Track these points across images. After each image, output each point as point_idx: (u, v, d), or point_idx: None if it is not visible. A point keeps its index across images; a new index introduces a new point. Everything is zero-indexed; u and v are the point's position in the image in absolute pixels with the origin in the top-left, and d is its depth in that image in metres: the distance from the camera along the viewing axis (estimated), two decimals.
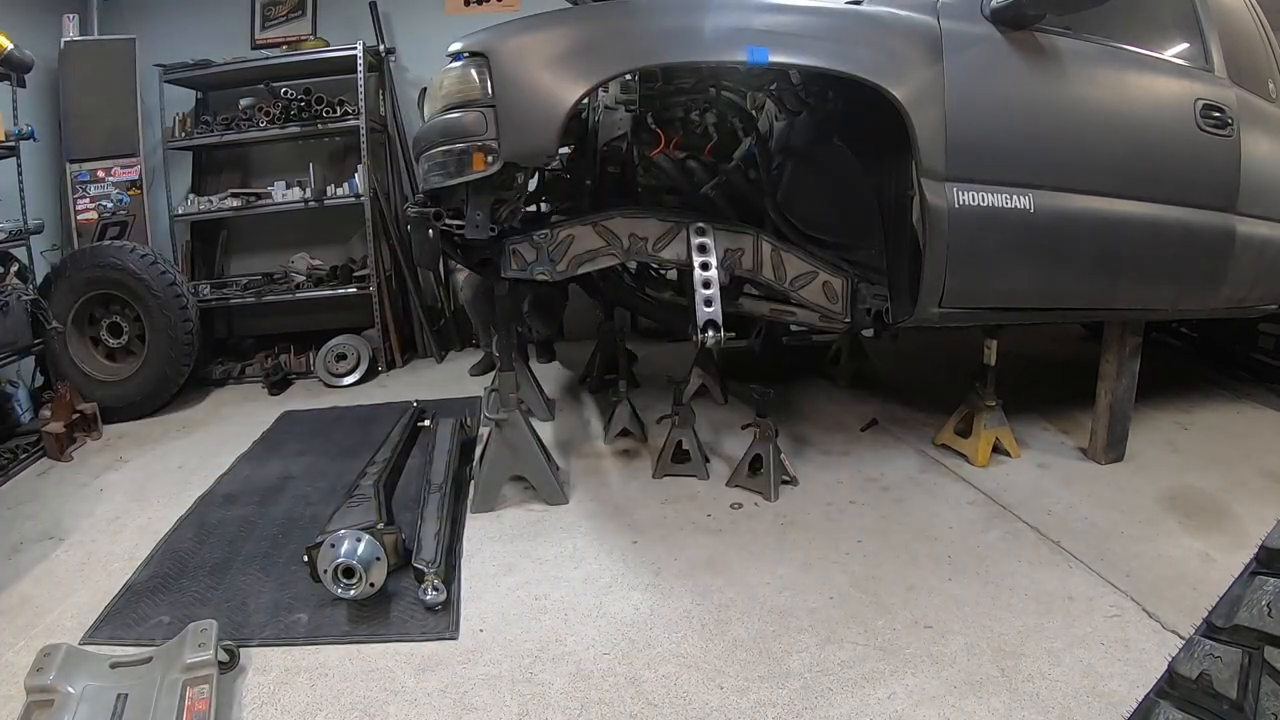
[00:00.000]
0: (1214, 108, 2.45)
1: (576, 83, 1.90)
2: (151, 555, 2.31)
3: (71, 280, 3.69)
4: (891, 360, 3.98)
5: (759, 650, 1.72)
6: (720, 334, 2.10)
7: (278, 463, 3.05)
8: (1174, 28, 2.59)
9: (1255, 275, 2.70)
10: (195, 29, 4.70)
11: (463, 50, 1.99)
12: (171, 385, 3.79)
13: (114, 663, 1.64)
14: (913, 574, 2.00)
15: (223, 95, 4.71)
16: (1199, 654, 0.92)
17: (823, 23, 2.02)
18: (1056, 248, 2.23)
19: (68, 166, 4.21)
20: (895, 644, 1.72)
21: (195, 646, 1.59)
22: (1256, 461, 2.63)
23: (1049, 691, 1.54)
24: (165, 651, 1.64)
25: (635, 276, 3.33)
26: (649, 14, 2.01)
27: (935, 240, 2.08)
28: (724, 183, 2.56)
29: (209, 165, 4.92)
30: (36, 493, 2.89)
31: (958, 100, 2.05)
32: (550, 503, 2.48)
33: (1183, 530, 2.20)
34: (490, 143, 1.92)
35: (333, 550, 1.90)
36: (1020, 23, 2.16)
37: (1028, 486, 2.50)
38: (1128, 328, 2.58)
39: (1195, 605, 1.77)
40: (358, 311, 4.59)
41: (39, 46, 3.77)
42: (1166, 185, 2.38)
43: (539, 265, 2.25)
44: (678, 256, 2.25)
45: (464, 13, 4.85)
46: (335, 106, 4.38)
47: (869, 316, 2.35)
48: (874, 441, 2.96)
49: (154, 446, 3.35)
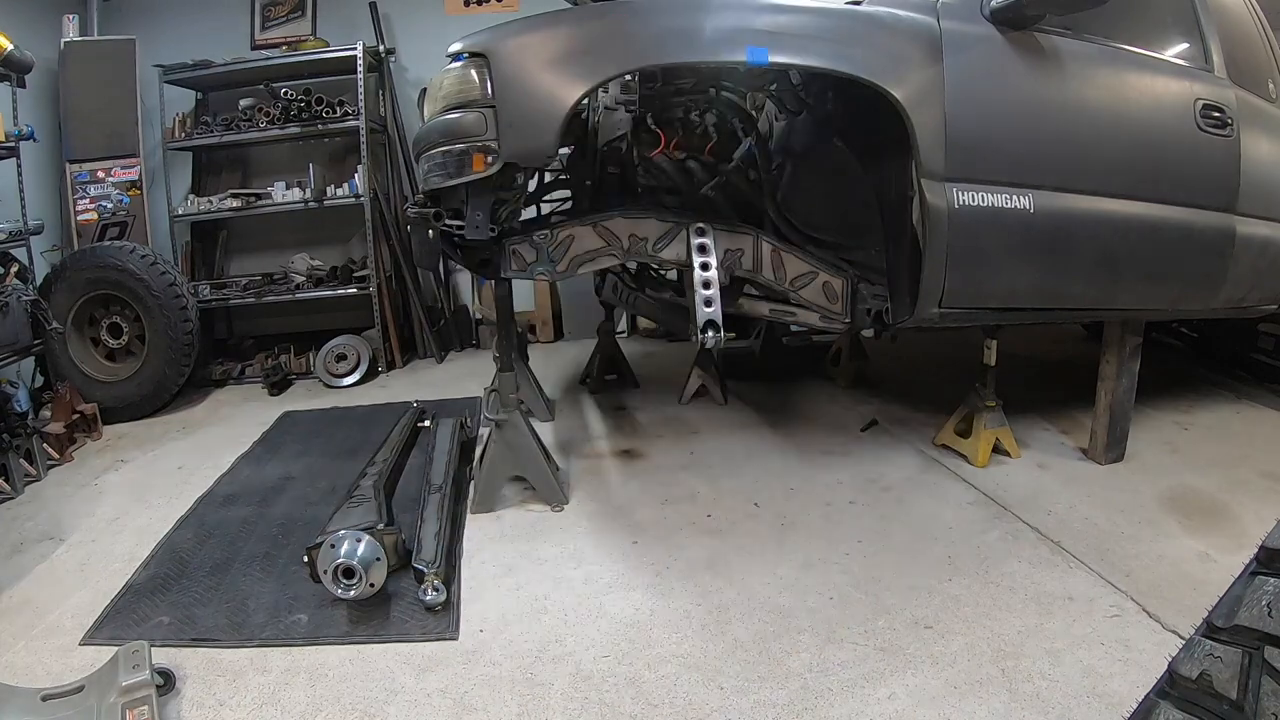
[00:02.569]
0: (1214, 108, 2.45)
1: (576, 83, 1.90)
2: (151, 555, 2.31)
3: (71, 281, 3.69)
4: (891, 360, 3.99)
5: (759, 650, 1.72)
6: (720, 334, 2.10)
7: (278, 463, 3.05)
8: (1174, 28, 2.59)
9: (1255, 275, 2.70)
10: (195, 29, 4.70)
11: (463, 51, 1.99)
12: (171, 386, 3.79)
13: (45, 695, 1.57)
14: (913, 574, 2.00)
15: (223, 96, 4.71)
16: (1199, 654, 0.92)
17: (822, 23, 2.02)
18: (1056, 248, 2.23)
19: (68, 167, 4.21)
20: (895, 644, 1.72)
21: (129, 669, 1.54)
22: (1256, 462, 2.63)
23: (1049, 691, 1.54)
24: (98, 678, 1.58)
25: (635, 277, 3.33)
26: (649, 14, 2.01)
27: (935, 240, 2.08)
28: (724, 183, 2.56)
29: (209, 166, 4.92)
30: (36, 493, 2.88)
31: (957, 100, 2.05)
32: (550, 503, 2.48)
33: (1183, 530, 2.20)
34: (490, 143, 1.92)
35: (333, 551, 1.90)
36: (1020, 23, 2.16)
37: (1028, 487, 2.50)
38: (1127, 328, 2.58)
39: (1195, 605, 1.77)
40: (358, 312, 4.59)
41: (39, 47, 3.77)
42: (1166, 185, 2.38)
43: (539, 266, 2.25)
44: (678, 257, 2.25)
45: (464, 13, 4.85)
46: (335, 107, 4.38)
47: (869, 317, 2.35)
48: (874, 442, 2.96)
49: (154, 447, 3.35)
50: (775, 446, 2.94)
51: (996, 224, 2.12)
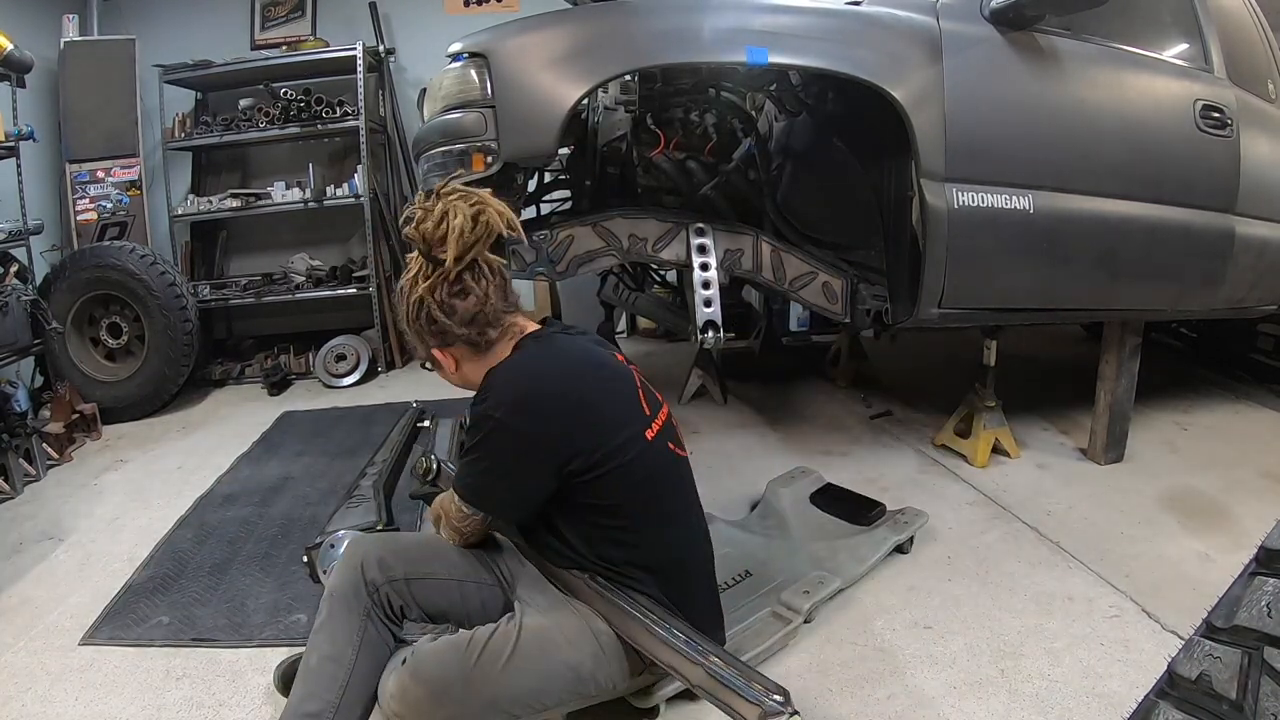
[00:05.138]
0: (1213, 108, 2.45)
1: (576, 83, 1.90)
2: (151, 555, 2.31)
3: (71, 281, 3.68)
4: (891, 361, 3.98)
5: None
6: (720, 334, 2.10)
7: (277, 463, 3.05)
8: (1173, 28, 2.59)
9: (1255, 276, 2.71)
10: (195, 29, 4.70)
11: (462, 51, 1.99)
12: (171, 386, 3.79)
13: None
14: (913, 574, 2.00)
15: (222, 96, 4.70)
16: (1198, 654, 0.92)
17: (822, 23, 2.02)
18: (1056, 248, 2.24)
19: (67, 167, 4.21)
20: (895, 644, 1.72)
21: None
22: (1256, 462, 2.63)
23: (1049, 691, 1.54)
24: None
25: (634, 277, 3.33)
26: (648, 15, 2.01)
27: (935, 241, 2.08)
28: (724, 183, 2.56)
29: (209, 166, 4.92)
30: (36, 493, 2.88)
31: (957, 101, 2.05)
32: None
33: (1182, 530, 2.20)
34: (490, 143, 1.92)
35: (332, 550, 1.90)
36: (1020, 23, 2.16)
37: (1027, 487, 2.50)
38: (1127, 328, 2.58)
39: (1195, 605, 1.76)
40: (357, 312, 4.59)
41: (39, 47, 3.77)
42: (1166, 186, 2.38)
43: (538, 266, 2.25)
44: (677, 257, 2.25)
45: (464, 13, 4.85)
46: (335, 107, 4.38)
47: (869, 317, 2.35)
48: (874, 442, 2.96)
49: (154, 447, 3.35)
50: (775, 446, 2.94)
51: (996, 224, 2.12)
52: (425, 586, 1.42)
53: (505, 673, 1.26)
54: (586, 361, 1.39)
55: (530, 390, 1.29)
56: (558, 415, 1.28)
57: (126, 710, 1.62)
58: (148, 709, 1.62)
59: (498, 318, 1.36)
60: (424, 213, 1.31)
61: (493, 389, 1.30)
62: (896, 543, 2.03)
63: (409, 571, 1.40)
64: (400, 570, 1.40)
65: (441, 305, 1.32)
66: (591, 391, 1.34)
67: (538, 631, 1.31)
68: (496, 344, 1.38)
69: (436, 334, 1.36)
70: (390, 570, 1.39)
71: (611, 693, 1.38)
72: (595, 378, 1.38)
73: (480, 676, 1.25)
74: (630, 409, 1.37)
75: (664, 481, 1.40)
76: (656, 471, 1.38)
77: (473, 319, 1.34)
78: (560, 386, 1.31)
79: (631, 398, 1.39)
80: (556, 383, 1.31)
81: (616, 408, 1.35)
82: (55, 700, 1.67)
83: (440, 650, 1.29)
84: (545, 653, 1.30)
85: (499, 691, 1.26)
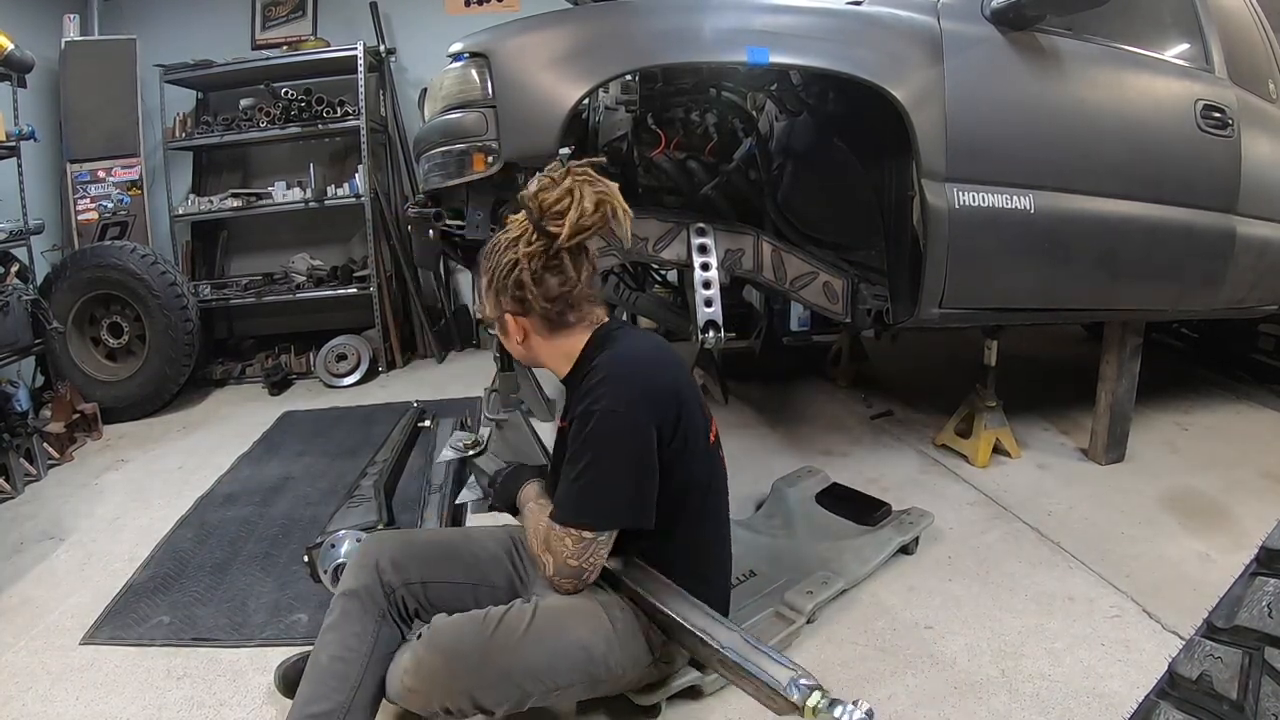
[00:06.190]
0: (1214, 108, 2.45)
1: (577, 83, 1.90)
2: (152, 555, 2.31)
3: (72, 280, 3.69)
4: (892, 361, 3.98)
5: None
6: (720, 334, 2.10)
7: (278, 463, 3.05)
8: (1174, 28, 2.59)
9: (1255, 276, 2.70)
10: (195, 29, 4.70)
11: (463, 51, 1.99)
12: (172, 385, 3.79)
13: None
14: (913, 574, 2.00)
15: (223, 95, 4.71)
16: (1199, 655, 0.92)
17: (823, 23, 2.01)
18: (1056, 248, 2.23)
19: (68, 167, 4.21)
20: (895, 644, 1.72)
21: None
22: (1256, 462, 2.63)
23: (1049, 692, 1.54)
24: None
25: (635, 277, 3.33)
26: (649, 15, 2.01)
27: (935, 241, 2.07)
28: (724, 183, 2.56)
29: (209, 165, 4.92)
30: (36, 493, 2.88)
31: (958, 101, 2.05)
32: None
33: (1183, 531, 2.20)
34: (490, 143, 1.92)
35: (333, 550, 1.90)
36: (1020, 23, 2.15)
37: (1028, 487, 2.50)
38: (1128, 328, 2.58)
39: (1195, 606, 1.76)
40: (358, 311, 4.59)
41: (39, 46, 3.77)
42: (1167, 186, 2.38)
43: None
44: (678, 257, 2.24)
45: (464, 13, 4.85)
46: (335, 107, 4.38)
47: (869, 317, 2.35)
48: (874, 442, 2.96)
49: (154, 447, 3.36)
50: (776, 447, 2.94)
51: (997, 224, 2.12)
52: (441, 590, 1.43)
53: (520, 645, 1.28)
54: (676, 359, 1.43)
55: (647, 385, 1.31)
56: (669, 408, 1.31)
57: (127, 710, 1.63)
58: (148, 709, 1.63)
59: (579, 303, 1.38)
60: (550, 182, 1.30)
61: (608, 384, 1.29)
62: (901, 543, 2.03)
63: (425, 575, 1.41)
64: (417, 574, 1.41)
65: (534, 275, 1.32)
66: (685, 388, 1.37)
67: (554, 610, 1.33)
68: (572, 327, 1.39)
69: (518, 300, 1.36)
70: (407, 573, 1.40)
71: (620, 680, 1.39)
72: (688, 377, 1.42)
73: (496, 647, 1.27)
74: (703, 411, 1.41)
75: (716, 481, 1.46)
76: (714, 472, 1.44)
77: (558, 296, 1.35)
78: (670, 381, 1.34)
79: (702, 401, 1.43)
80: (667, 377, 1.35)
81: (698, 408, 1.39)
82: (56, 700, 1.67)
83: (458, 622, 1.31)
84: (559, 630, 1.32)
85: (513, 663, 1.27)
